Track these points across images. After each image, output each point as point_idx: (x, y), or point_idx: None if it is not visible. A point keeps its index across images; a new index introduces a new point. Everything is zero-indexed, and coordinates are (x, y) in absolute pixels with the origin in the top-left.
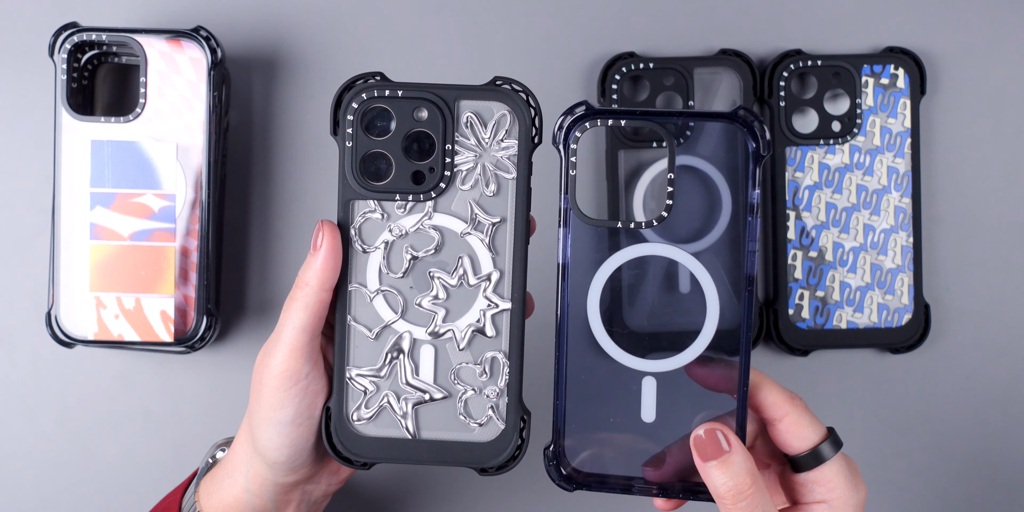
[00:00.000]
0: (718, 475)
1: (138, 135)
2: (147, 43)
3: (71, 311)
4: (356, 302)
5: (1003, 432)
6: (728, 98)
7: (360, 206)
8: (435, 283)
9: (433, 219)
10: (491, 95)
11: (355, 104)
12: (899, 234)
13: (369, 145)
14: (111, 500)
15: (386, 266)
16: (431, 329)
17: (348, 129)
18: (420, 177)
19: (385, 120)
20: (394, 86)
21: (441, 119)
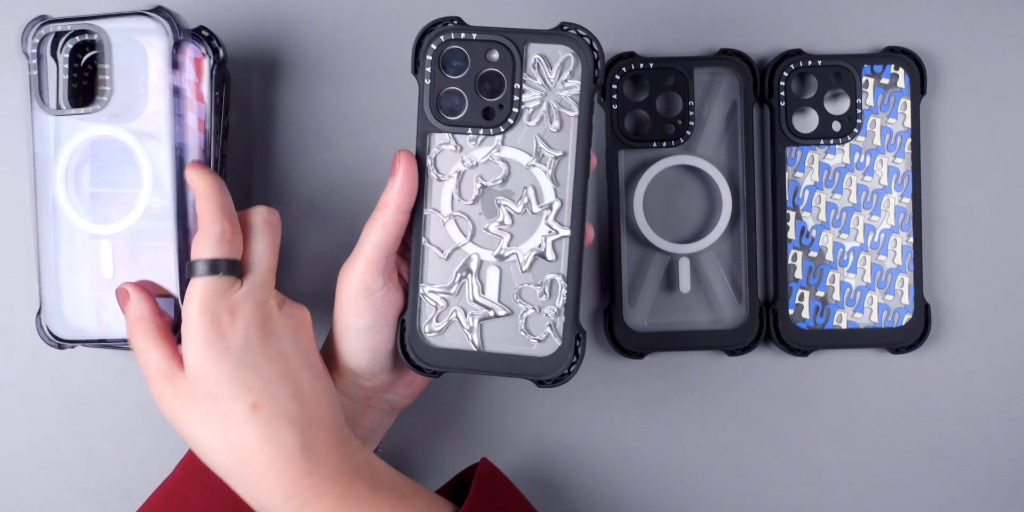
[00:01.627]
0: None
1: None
2: (147, 43)
3: (68, 312)
4: (431, 225)
5: (1003, 432)
6: (728, 98)
7: (436, 138)
8: (502, 210)
9: (501, 152)
10: (558, 39)
11: (433, 45)
12: (899, 234)
13: (445, 83)
14: (111, 500)
15: (458, 193)
16: (497, 252)
17: (427, 68)
18: (490, 113)
19: (460, 60)
20: (469, 29)
21: (511, 60)
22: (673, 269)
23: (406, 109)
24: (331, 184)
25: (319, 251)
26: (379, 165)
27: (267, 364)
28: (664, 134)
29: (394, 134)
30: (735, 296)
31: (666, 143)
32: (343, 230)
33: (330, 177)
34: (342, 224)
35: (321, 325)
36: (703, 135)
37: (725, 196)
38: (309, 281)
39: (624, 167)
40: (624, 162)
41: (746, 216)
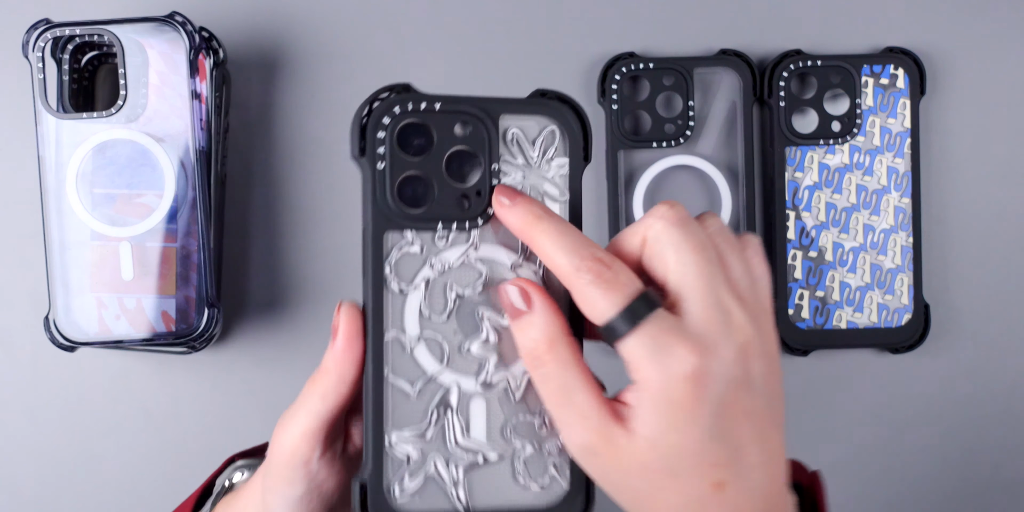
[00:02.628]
0: (517, 336)
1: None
2: (148, 44)
3: (72, 313)
4: (393, 354)
5: (1003, 432)
6: (728, 98)
7: (394, 238)
8: (484, 324)
9: (480, 250)
10: (537, 109)
11: (387, 120)
12: (899, 234)
13: (407, 165)
14: (112, 501)
15: (427, 308)
16: (482, 378)
17: (380, 148)
18: (465, 202)
19: (422, 137)
20: (430, 99)
21: (485, 134)
22: None
23: None
24: (331, 184)
25: (319, 251)
26: None
27: (737, 428)
28: (664, 134)
29: None
30: None
31: (666, 143)
32: (343, 230)
33: (330, 177)
34: (342, 224)
35: (322, 324)
36: (703, 135)
37: (725, 196)
38: (309, 282)
39: (624, 167)
40: (624, 162)
41: (746, 216)
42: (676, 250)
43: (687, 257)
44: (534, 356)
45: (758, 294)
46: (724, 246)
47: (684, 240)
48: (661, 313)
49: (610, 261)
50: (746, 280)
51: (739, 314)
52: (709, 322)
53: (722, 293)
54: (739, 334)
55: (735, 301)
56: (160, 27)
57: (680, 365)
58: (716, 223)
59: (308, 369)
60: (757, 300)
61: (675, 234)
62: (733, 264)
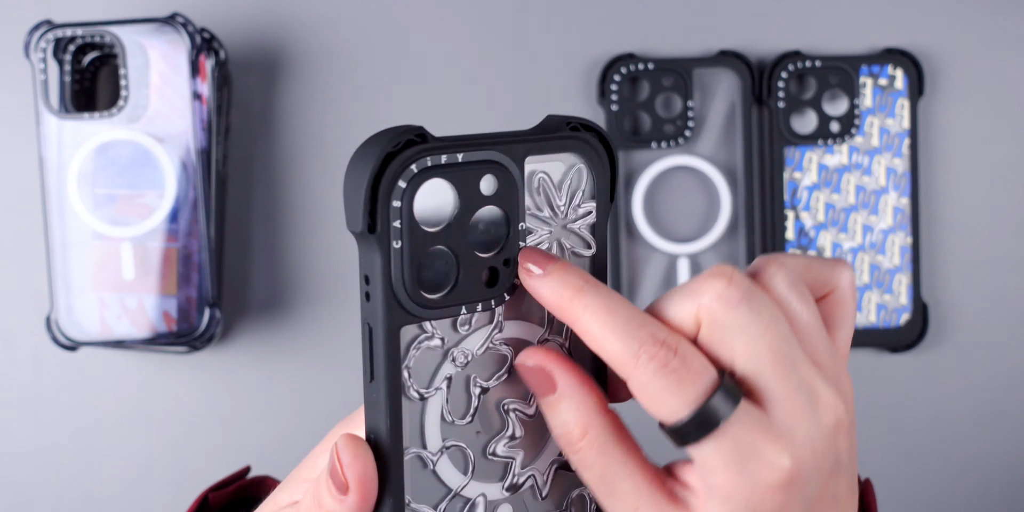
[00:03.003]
0: (549, 417)
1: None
2: (149, 45)
3: (73, 313)
4: (413, 475)
5: (1001, 431)
6: (727, 99)
7: (411, 333)
8: (510, 419)
9: (504, 331)
10: (564, 145)
11: (403, 182)
12: (898, 234)
13: (427, 240)
14: (113, 500)
15: (450, 413)
16: (508, 482)
17: (395, 222)
18: (494, 276)
19: (443, 201)
20: (449, 147)
21: (513, 187)
22: (672, 269)
23: (406, 109)
24: (332, 184)
25: (320, 251)
26: None
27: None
28: (663, 134)
29: None
30: None
31: (665, 143)
32: (344, 230)
33: (331, 177)
34: (342, 225)
35: (329, 326)
36: (702, 135)
37: (724, 196)
38: (309, 281)
39: (623, 167)
40: (623, 162)
41: (745, 216)
42: (744, 335)
43: (759, 342)
44: (568, 443)
45: (836, 352)
46: (795, 306)
47: (751, 322)
48: (744, 408)
49: (675, 343)
50: (822, 341)
51: (825, 391)
52: (795, 410)
53: (804, 371)
54: (829, 415)
55: (818, 376)
56: (161, 28)
57: (771, 473)
58: (781, 277)
59: (308, 369)
60: (836, 361)
61: (740, 317)
62: (808, 326)
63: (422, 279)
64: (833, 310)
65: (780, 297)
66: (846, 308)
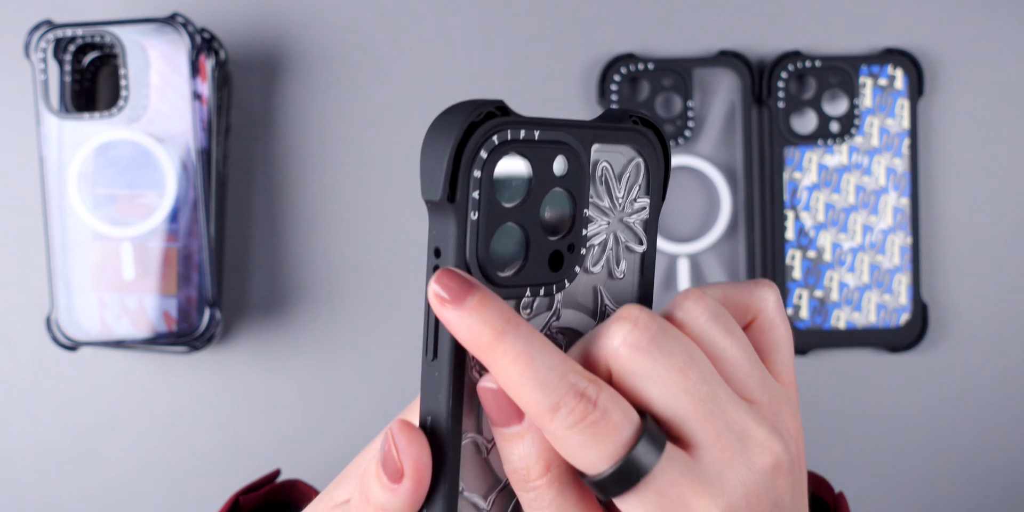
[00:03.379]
0: (506, 448)
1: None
2: (149, 45)
3: (73, 313)
4: (468, 462)
5: (1001, 431)
6: (727, 99)
7: None
8: None
9: (561, 319)
10: (624, 136)
11: (484, 153)
12: (897, 234)
13: (503, 215)
14: (114, 500)
15: None
16: None
17: (474, 192)
18: (558, 260)
19: (519, 177)
20: (528, 124)
21: (580, 172)
22: (672, 269)
23: (406, 110)
24: (332, 184)
25: (320, 251)
26: (379, 165)
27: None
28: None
29: (394, 134)
30: None
31: None
32: (344, 230)
33: (331, 177)
34: (343, 224)
35: (335, 334)
36: (702, 136)
37: (724, 196)
38: (310, 281)
39: None
40: None
41: (745, 216)
42: (656, 382)
43: (673, 387)
44: (523, 479)
45: (772, 384)
46: (717, 341)
47: (661, 366)
48: (669, 457)
49: (595, 394)
50: (754, 374)
51: (757, 430)
52: (724, 454)
53: (731, 412)
54: (763, 457)
55: (748, 414)
56: (161, 28)
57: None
58: (700, 311)
59: (308, 369)
60: (773, 393)
61: (648, 362)
62: (734, 361)
63: (493, 255)
64: (761, 337)
65: (698, 333)
66: (776, 332)
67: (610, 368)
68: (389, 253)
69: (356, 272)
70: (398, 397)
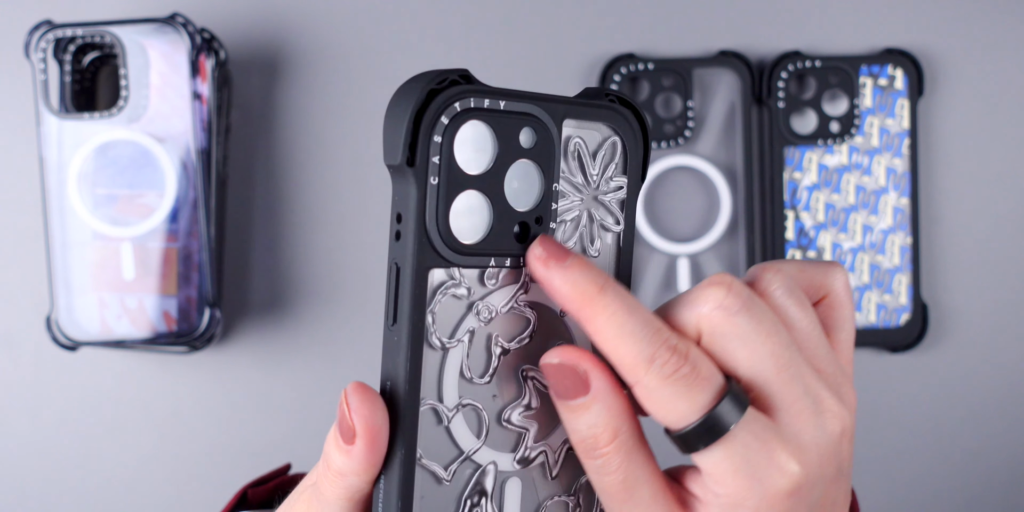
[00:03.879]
0: (572, 419)
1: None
2: (149, 45)
3: (73, 313)
4: (426, 429)
5: (1001, 431)
6: (727, 99)
7: (439, 277)
8: (528, 387)
9: (529, 292)
10: (602, 114)
11: (445, 119)
12: (897, 234)
13: (465, 182)
14: (114, 500)
15: (469, 369)
16: (520, 454)
17: (434, 157)
18: (524, 231)
19: (482, 145)
20: (494, 94)
21: (550, 145)
22: (672, 269)
23: None
24: (332, 184)
25: (320, 251)
26: (379, 165)
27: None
28: (663, 134)
29: None
30: None
31: (665, 143)
32: (344, 230)
33: (331, 177)
34: (343, 224)
35: (334, 327)
36: (702, 135)
37: (724, 196)
38: (310, 281)
39: None
40: None
41: (745, 216)
42: (745, 344)
43: (761, 350)
44: (592, 447)
45: (836, 358)
46: (793, 313)
47: (752, 330)
48: (752, 415)
49: (686, 349)
50: (822, 347)
51: (828, 398)
52: (801, 417)
53: (807, 379)
54: (834, 423)
55: (820, 382)
56: (161, 28)
57: (780, 480)
58: (778, 284)
59: (308, 369)
60: (837, 367)
61: (741, 326)
62: (807, 333)
63: (455, 221)
64: (830, 314)
65: (777, 305)
66: (843, 310)
67: (700, 330)
68: None
69: (356, 272)
70: None
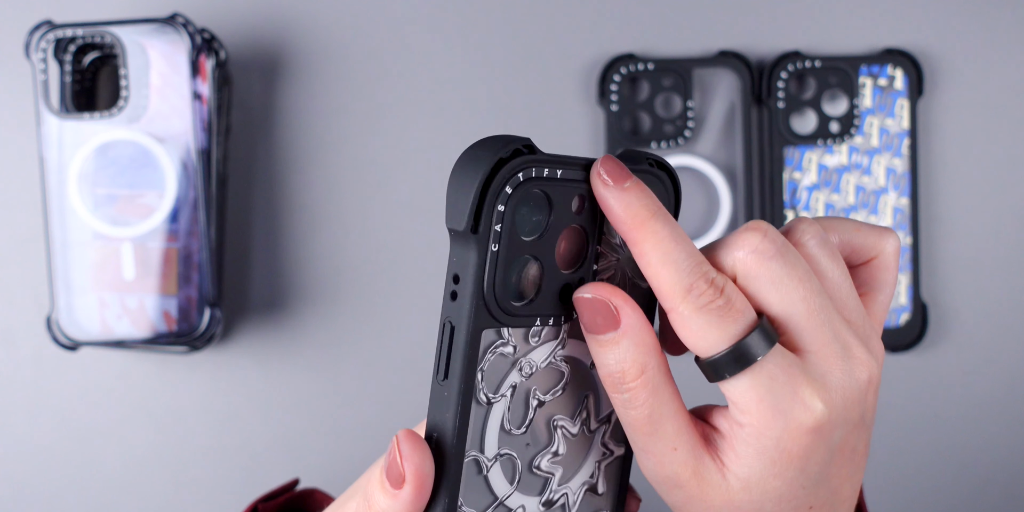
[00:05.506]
0: (601, 354)
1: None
2: (149, 45)
3: (73, 313)
4: (468, 479)
5: (1001, 431)
6: (727, 99)
7: (490, 338)
8: (557, 435)
9: (566, 348)
10: (642, 177)
11: (509, 188)
12: (897, 234)
13: (521, 248)
14: (114, 500)
15: (509, 421)
16: (545, 497)
17: (496, 226)
18: (567, 293)
19: (539, 213)
20: (551, 163)
21: (595, 210)
22: None
23: (406, 110)
24: (332, 184)
25: (320, 251)
26: (379, 165)
27: (841, 469)
28: (663, 135)
29: (394, 134)
30: None
31: (665, 144)
32: (344, 230)
33: (331, 177)
34: (343, 224)
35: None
36: (702, 136)
37: (723, 196)
38: (310, 281)
39: None
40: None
41: (745, 216)
42: (778, 287)
43: (792, 294)
44: (619, 381)
45: (866, 313)
46: (824, 263)
47: (785, 275)
48: (780, 350)
49: (723, 283)
50: (852, 299)
51: (857, 346)
52: (829, 359)
53: (837, 325)
54: (861, 370)
55: (849, 331)
56: (162, 28)
57: (804, 415)
58: (811, 235)
59: (308, 369)
60: (866, 321)
61: (774, 269)
62: (837, 283)
63: (509, 285)
64: (875, 274)
65: (810, 254)
66: (887, 273)
67: (736, 272)
68: (389, 253)
69: (356, 272)
70: (398, 397)
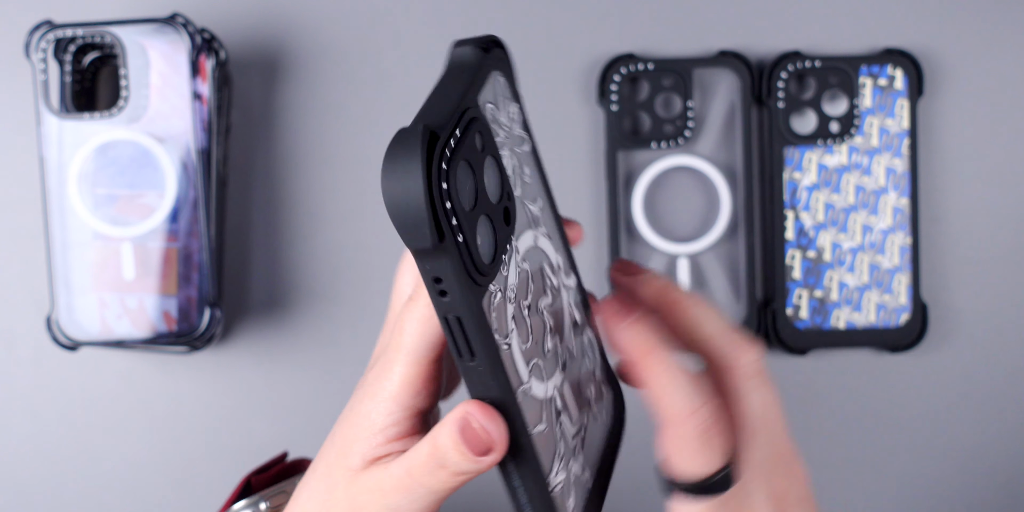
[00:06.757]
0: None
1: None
2: (149, 45)
3: (73, 313)
4: (526, 407)
5: (1001, 431)
6: (727, 99)
7: (485, 302)
8: (545, 317)
9: (520, 252)
10: (486, 71)
11: (444, 184)
12: (897, 234)
13: (473, 221)
14: (114, 500)
15: (521, 343)
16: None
17: (452, 220)
18: (508, 215)
19: (467, 177)
20: (453, 135)
21: (490, 133)
22: (672, 269)
23: (406, 110)
24: (332, 184)
25: (320, 251)
26: (379, 165)
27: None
28: (663, 135)
29: (393, 134)
30: (734, 296)
31: (665, 144)
32: (344, 230)
33: (331, 177)
34: (343, 225)
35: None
36: (702, 136)
37: (724, 196)
38: (310, 281)
39: (623, 168)
40: (623, 163)
41: (745, 216)
42: (762, 402)
43: (769, 412)
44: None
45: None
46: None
47: (770, 394)
48: (735, 492)
49: (719, 414)
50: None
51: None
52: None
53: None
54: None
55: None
56: (162, 28)
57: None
58: (762, 363)
59: (308, 369)
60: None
61: (766, 387)
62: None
63: (478, 256)
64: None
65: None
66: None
67: (735, 372)
68: (389, 253)
69: (356, 272)
70: None
